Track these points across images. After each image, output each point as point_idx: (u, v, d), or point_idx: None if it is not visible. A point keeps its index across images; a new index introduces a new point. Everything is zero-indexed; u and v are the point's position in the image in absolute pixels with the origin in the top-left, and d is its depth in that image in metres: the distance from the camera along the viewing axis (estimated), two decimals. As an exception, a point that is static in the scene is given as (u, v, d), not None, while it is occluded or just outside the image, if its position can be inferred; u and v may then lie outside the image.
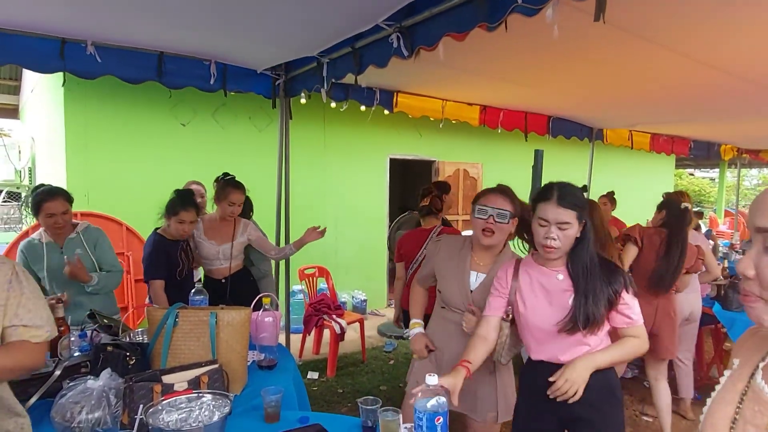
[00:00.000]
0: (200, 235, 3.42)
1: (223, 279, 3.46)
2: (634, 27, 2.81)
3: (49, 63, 3.26)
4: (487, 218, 2.02)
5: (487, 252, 2.14)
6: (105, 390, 1.72)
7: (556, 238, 1.73)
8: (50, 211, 2.76)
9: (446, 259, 2.21)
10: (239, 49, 3.56)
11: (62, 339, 2.23)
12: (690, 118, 5.85)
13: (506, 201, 2.06)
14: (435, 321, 2.31)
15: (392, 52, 2.85)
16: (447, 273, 2.19)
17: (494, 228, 2.02)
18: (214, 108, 5.58)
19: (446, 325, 2.21)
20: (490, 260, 2.15)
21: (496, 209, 2.02)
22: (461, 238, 2.26)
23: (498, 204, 2.03)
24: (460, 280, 2.14)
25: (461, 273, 2.14)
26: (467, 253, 2.17)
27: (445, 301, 2.21)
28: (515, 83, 4.35)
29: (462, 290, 2.13)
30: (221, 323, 1.97)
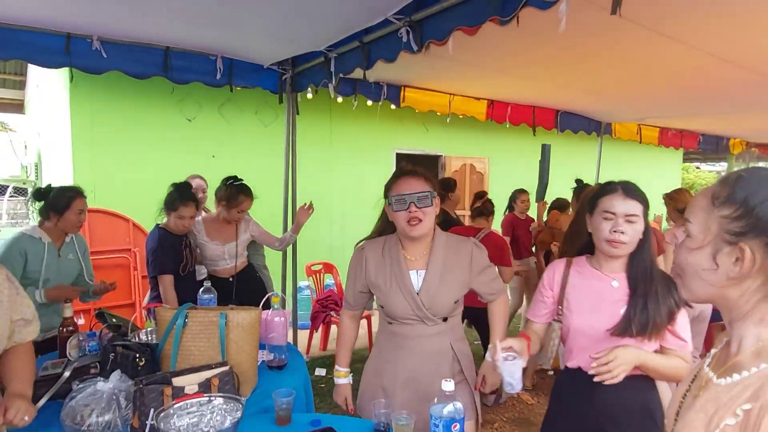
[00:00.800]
0: (203, 237, 3.36)
1: (230, 278, 3.42)
2: (646, 19, 2.76)
3: (54, 58, 3.24)
4: (407, 207, 1.75)
5: (419, 244, 1.85)
6: (115, 392, 1.70)
7: (625, 232, 1.59)
8: (81, 207, 2.76)
9: (376, 266, 1.89)
10: (246, 43, 3.52)
11: (71, 339, 2.21)
12: (699, 111, 5.79)
13: (421, 181, 1.80)
14: (382, 339, 1.96)
15: (402, 47, 2.81)
16: (382, 282, 1.86)
17: (419, 215, 1.75)
18: (220, 103, 5.55)
19: (396, 340, 1.88)
20: (424, 251, 1.86)
21: (415, 194, 1.76)
22: (383, 239, 1.95)
23: (414, 187, 1.77)
24: (400, 286, 1.82)
25: (399, 277, 1.83)
26: (397, 253, 1.86)
27: (390, 315, 1.87)
28: (524, 78, 4.30)
29: (407, 296, 1.81)
30: (231, 324, 1.94)
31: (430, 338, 1.84)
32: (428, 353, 1.84)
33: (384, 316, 1.92)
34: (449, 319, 1.87)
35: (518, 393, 4.17)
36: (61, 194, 2.75)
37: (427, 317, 1.81)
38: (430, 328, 1.83)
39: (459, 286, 1.86)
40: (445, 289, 1.82)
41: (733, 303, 0.85)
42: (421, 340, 1.84)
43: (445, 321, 1.86)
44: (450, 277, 1.83)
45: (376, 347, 1.99)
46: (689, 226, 0.88)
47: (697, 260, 0.86)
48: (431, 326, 1.83)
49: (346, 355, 2.06)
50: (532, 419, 3.78)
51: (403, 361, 1.85)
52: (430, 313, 1.81)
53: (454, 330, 1.91)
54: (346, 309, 2.07)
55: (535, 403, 4.03)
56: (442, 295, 1.82)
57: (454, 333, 1.90)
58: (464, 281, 1.87)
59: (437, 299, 1.81)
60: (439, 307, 1.82)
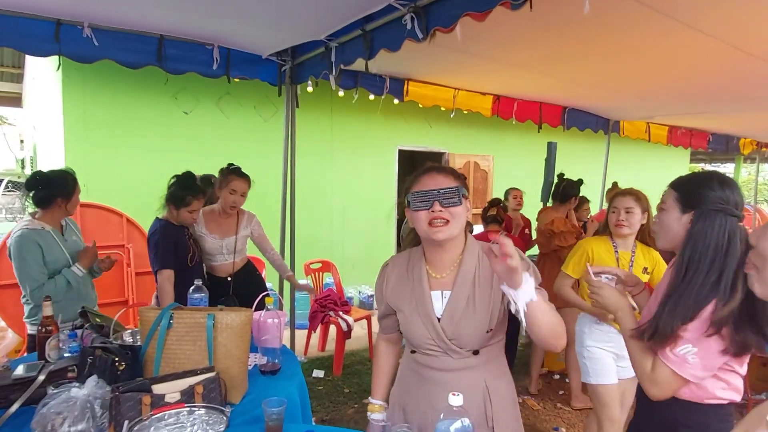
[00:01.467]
0: (201, 228, 3.23)
1: (228, 277, 3.28)
2: (666, 7, 2.60)
3: (43, 46, 3.11)
4: (431, 206, 1.42)
5: (446, 255, 1.52)
6: (90, 399, 1.55)
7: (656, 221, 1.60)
8: (78, 193, 2.81)
9: (397, 285, 1.60)
10: (243, 32, 3.39)
11: (50, 339, 2.08)
12: (711, 109, 5.64)
13: (448, 177, 1.48)
14: (404, 368, 1.69)
15: (406, 35, 2.67)
16: (402, 303, 1.56)
17: (445, 215, 1.42)
18: (218, 96, 5.41)
19: (419, 371, 1.58)
20: (452, 267, 1.52)
21: (440, 189, 1.43)
22: (407, 252, 1.65)
23: (439, 183, 1.45)
24: (421, 309, 1.51)
25: (420, 299, 1.52)
26: (421, 268, 1.55)
27: (410, 343, 1.60)
28: (532, 70, 4.15)
29: (426, 322, 1.49)
30: (219, 326, 1.80)
31: (458, 373, 1.50)
32: (455, 390, 1.39)
33: (407, 342, 1.65)
34: (482, 352, 1.51)
35: (523, 398, 4.03)
36: (65, 177, 2.74)
37: (450, 349, 1.48)
38: (455, 362, 1.50)
39: (495, 313, 1.48)
40: (474, 316, 1.47)
41: None
42: (447, 375, 1.51)
43: (476, 354, 1.50)
44: (482, 300, 1.48)
45: (398, 377, 1.72)
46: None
47: None
48: (457, 359, 1.50)
49: (381, 386, 1.75)
50: (538, 426, 3.64)
51: (426, 397, 1.54)
52: (454, 344, 1.48)
53: (489, 365, 1.54)
54: (380, 333, 1.79)
55: (541, 409, 3.88)
56: (469, 323, 1.47)
57: (489, 369, 1.54)
58: (499, 303, 1.49)
59: (463, 328, 1.47)
60: (466, 337, 1.47)
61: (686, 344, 1.36)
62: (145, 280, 4.79)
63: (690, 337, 1.36)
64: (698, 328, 1.36)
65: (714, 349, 1.36)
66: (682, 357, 1.36)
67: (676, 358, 1.37)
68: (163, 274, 2.89)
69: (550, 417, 3.75)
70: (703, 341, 1.36)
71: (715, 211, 1.41)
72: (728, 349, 1.33)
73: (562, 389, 4.24)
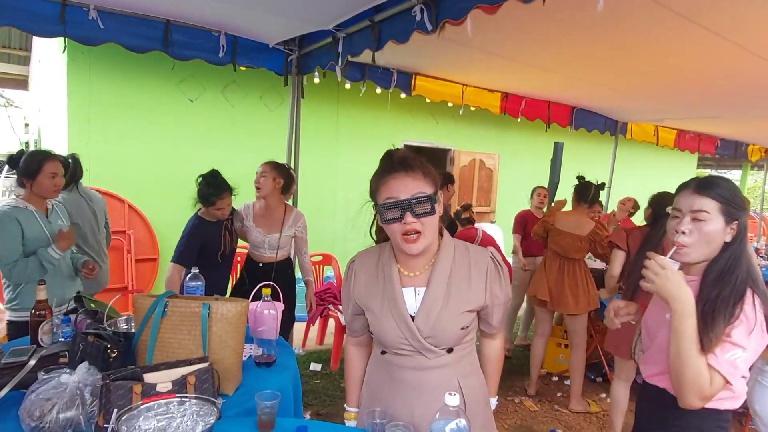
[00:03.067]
0: (249, 221, 3.32)
1: (261, 263, 3.34)
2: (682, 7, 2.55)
3: (48, 27, 3.07)
4: (402, 217, 1.34)
5: (419, 258, 1.46)
6: (80, 386, 1.52)
7: (687, 232, 1.41)
8: (53, 170, 2.68)
9: (367, 283, 1.52)
10: (251, 20, 3.34)
11: (43, 324, 2.05)
12: (722, 113, 5.58)
13: (418, 178, 1.37)
14: (374, 370, 1.60)
15: (415, 26, 2.62)
16: (373, 302, 1.49)
17: (417, 227, 1.35)
18: (224, 85, 5.37)
19: (390, 372, 1.51)
20: (426, 265, 1.47)
21: (411, 199, 1.33)
22: (377, 248, 1.57)
23: (410, 188, 1.35)
24: (393, 308, 1.44)
25: (392, 297, 1.44)
26: (392, 266, 1.47)
27: (381, 343, 1.52)
28: (541, 68, 4.09)
29: (399, 321, 1.43)
30: (214, 316, 1.77)
31: (430, 372, 1.46)
32: (429, 389, 1.46)
33: (376, 343, 1.57)
34: (456, 350, 1.48)
35: (521, 399, 4.00)
36: (32, 158, 2.67)
37: (425, 348, 1.43)
38: (430, 361, 1.45)
39: (470, 311, 1.47)
40: (450, 313, 1.43)
41: None
42: (420, 374, 1.47)
43: (450, 352, 1.47)
44: (458, 297, 1.44)
45: (366, 380, 1.65)
46: None
47: None
48: (432, 359, 1.45)
49: (354, 393, 1.71)
50: (535, 427, 3.60)
51: (398, 399, 1.49)
52: (430, 342, 1.43)
53: (462, 362, 1.51)
54: (349, 336, 1.70)
55: (538, 411, 3.85)
56: (445, 320, 1.42)
57: (462, 366, 1.51)
58: (477, 303, 1.47)
59: (439, 326, 1.42)
60: (442, 335, 1.43)
61: (736, 349, 1.30)
62: (144, 266, 4.79)
63: (738, 340, 1.31)
64: (748, 325, 1.32)
65: (759, 347, 1.33)
66: (733, 363, 1.30)
67: (728, 366, 1.30)
68: (174, 268, 2.95)
69: (548, 419, 3.72)
70: (752, 339, 1.32)
71: (744, 216, 1.41)
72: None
73: (560, 391, 4.21)
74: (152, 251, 4.82)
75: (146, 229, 4.78)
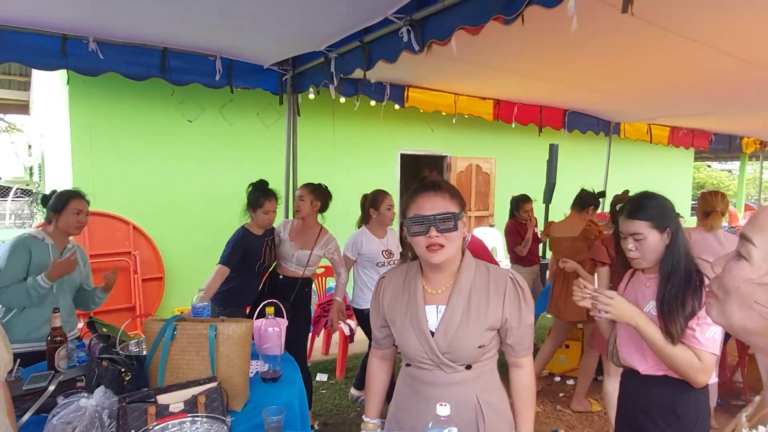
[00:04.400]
0: (285, 234, 3.52)
1: (281, 276, 3.51)
2: (658, 18, 2.66)
3: (50, 60, 3.19)
4: (428, 232, 1.44)
5: (441, 274, 1.55)
6: (98, 410, 1.62)
7: (633, 249, 1.78)
8: (78, 207, 2.76)
9: (393, 298, 1.62)
10: (245, 43, 3.46)
11: (59, 350, 2.15)
12: (711, 110, 5.67)
13: (445, 199, 1.48)
14: (401, 381, 1.68)
15: (402, 47, 2.73)
16: (397, 317, 1.58)
17: (441, 241, 1.45)
18: (222, 104, 5.48)
19: (413, 384, 1.60)
20: (447, 284, 1.55)
21: (437, 215, 1.45)
22: (405, 266, 1.68)
23: (436, 207, 1.46)
24: (415, 324, 1.53)
25: (414, 313, 1.54)
26: (417, 284, 1.57)
27: (405, 355, 1.61)
28: (531, 77, 4.20)
29: (420, 336, 1.52)
30: (221, 337, 1.87)
31: (450, 387, 1.52)
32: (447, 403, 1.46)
33: (402, 355, 1.65)
34: (475, 367, 1.53)
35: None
36: (60, 196, 2.79)
37: (443, 363, 1.50)
38: (448, 376, 1.52)
39: (488, 329, 1.52)
40: (468, 331, 1.49)
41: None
42: (439, 389, 1.52)
43: (469, 369, 1.52)
44: (476, 316, 1.50)
45: (396, 389, 1.71)
46: (750, 248, 0.74)
47: (752, 291, 0.73)
48: (450, 374, 1.52)
49: (375, 404, 1.75)
50: (537, 428, 3.68)
51: (418, 411, 1.55)
52: (447, 358, 1.50)
53: (481, 379, 1.55)
54: (374, 348, 1.77)
55: (541, 411, 3.93)
56: (462, 338, 1.49)
57: (481, 383, 1.55)
58: (494, 323, 1.52)
59: (457, 343, 1.49)
60: (459, 352, 1.49)
61: (711, 327, 1.62)
62: (151, 285, 4.88)
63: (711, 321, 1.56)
64: None
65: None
66: (712, 339, 1.62)
67: (709, 342, 1.62)
68: (220, 269, 3.15)
69: (550, 419, 3.80)
70: None
71: (677, 222, 1.72)
72: None
73: (562, 392, 4.28)
74: (158, 270, 4.92)
75: (151, 249, 4.88)
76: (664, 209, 1.76)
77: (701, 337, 1.62)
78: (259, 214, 3.25)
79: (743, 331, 0.76)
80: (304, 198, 3.50)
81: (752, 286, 0.73)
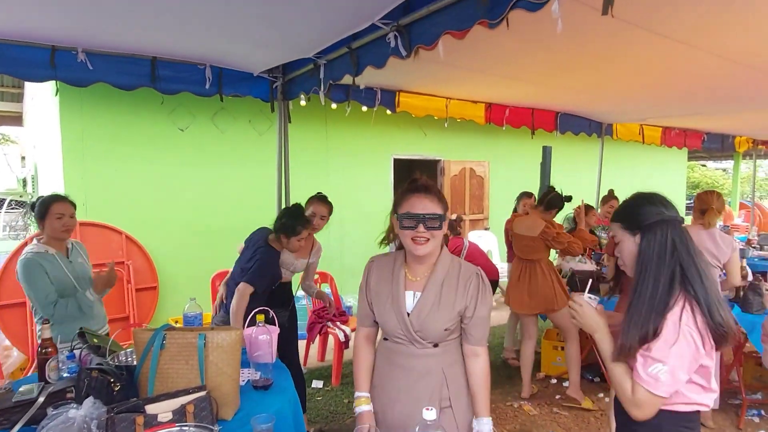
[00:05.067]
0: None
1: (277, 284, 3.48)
2: (642, 20, 2.67)
3: (39, 72, 3.19)
4: (416, 227, 1.69)
5: (422, 264, 1.81)
6: (87, 421, 1.62)
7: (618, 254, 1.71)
8: (60, 211, 2.78)
9: (378, 282, 1.88)
10: (234, 51, 3.46)
11: (50, 361, 2.14)
12: (703, 110, 5.69)
13: (434, 201, 1.73)
14: (379, 354, 1.94)
15: (390, 52, 2.74)
16: (380, 298, 1.84)
17: (427, 236, 1.70)
18: (213, 112, 5.49)
19: (389, 356, 1.87)
20: (425, 274, 1.81)
21: (426, 215, 1.69)
22: (392, 255, 1.92)
23: (426, 207, 1.70)
24: (395, 304, 1.79)
25: (395, 296, 1.80)
26: (401, 271, 1.83)
27: (384, 330, 1.88)
28: (521, 80, 4.21)
29: (398, 316, 1.78)
30: (210, 345, 1.86)
31: (420, 359, 1.80)
32: (417, 373, 1.80)
33: (381, 330, 1.90)
34: (441, 346, 1.80)
35: (520, 404, 4.08)
36: (41, 203, 2.80)
37: (415, 339, 1.77)
38: (419, 350, 1.79)
39: (454, 315, 1.76)
40: (437, 316, 1.75)
41: None
42: (410, 360, 1.81)
43: (436, 347, 1.79)
44: (445, 303, 1.76)
45: (376, 362, 1.94)
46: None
47: None
48: (420, 349, 1.79)
49: (364, 379, 1.91)
50: (534, 431, 3.68)
51: (391, 378, 1.85)
52: (419, 336, 1.76)
53: (446, 355, 1.82)
54: (360, 327, 1.97)
55: (537, 414, 3.93)
56: (433, 320, 1.75)
57: (446, 358, 1.81)
58: (460, 311, 1.77)
59: (427, 324, 1.75)
60: (429, 332, 1.75)
61: (656, 363, 1.42)
62: (145, 295, 4.87)
63: (659, 356, 1.42)
64: (667, 341, 1.42)
65: (687, 357, 1.41)
66: (654, 376, 1.42)
67: (649, 379, 1.43)
68: (245, 289, 2.99)
69: (546, 422, 3.80)
70: (672, 353, 1.41)
71: (654, 223, 1.53)
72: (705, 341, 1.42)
73: (559, 393, 4.28)
74: (152, 280, 4.91)
75: (144, 259, 4.87)
76: (634, 209, 1.62)
77: (641, 371, 1.45)
78: (293, 241, 3.18)
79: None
80: (325, 217, 3.55)
81: None
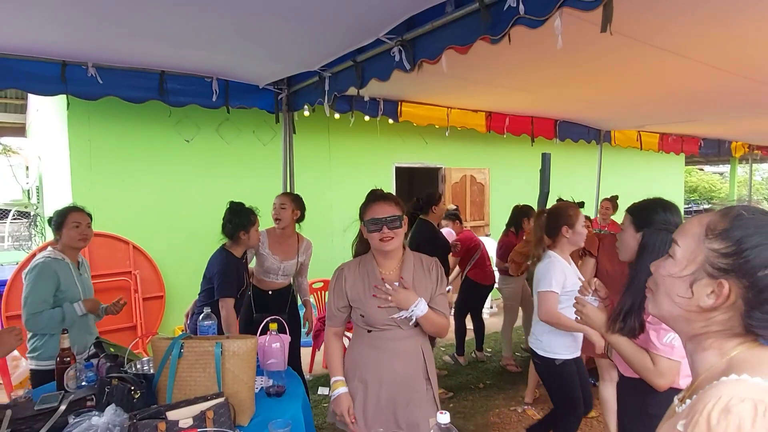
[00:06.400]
0: (265, 248, 3.48)
1: (270, 291, 3.52)
2: (640, 34, 2.76)
3: (50, 86, 3.26)
4: (381, 229, 2.01)
5: (391, 260, 2.12)
6: (110, 427, 1.67)
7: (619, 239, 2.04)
8: (77, 219, 2.86)
9: (353, 282, 2.13)
10: (241, 65, 3.54)
11: (68, 370, 2.20)
12: (699, 117, 5.78)
13: (392, 205, 2.06)
14: (357, 346, 2.17)
15: (394, 66, 2.82)
16: (361, 295, 2.09)
17: (391, 234, 2.02)
18: (218, 123, 5.56)
19: (375, 344, 2.10)
20: (396, 267, 2.12)
21: (387, 217, 2.01)
22: (359, 259, 2.19)
23: (386, 211, 2.03)
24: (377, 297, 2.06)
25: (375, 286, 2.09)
26: (374, 267, 2.11)
27: (369, 324, 2.09)
28: (521, 90, 4.30)
29: (384, 304, 2.04)
30: (227, 353, 1.93)
31: (404, 340, 2.09)
32: (403, 353, 2.09)
33: (363, 326, 2.13)
34: (420, 325, 2.11)
35: (524, 409, 4.13)
36: (58, 213, 2.90)
37: (403, 322, 2.05)
38: (404, 332, 2.08)
39: (428, 296, 2.10)
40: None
41: (695, 330, 0.87)
42: (397, 342, 2.09)
43: (416, 326, 2.10)
44: (419, 288, 2.09)
45: (351, 357, 2.17)
46: (675, 248, 0.90)
47: (673, 283, 0.89)
48: (406, 330, 2.08)
49: (338, 366, 2.17)
50: (538, 435, 3.72)
51: (381, 363, 2.08)
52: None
53: (421, 333, 2.15)
54: (330, 326, 2.24)
55: (540, 418, 3.96)
56: None
57: (421, 335, 2.15)
58: (430, 293, 2.11)
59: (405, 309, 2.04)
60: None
61: (668, 333, 1.68)
62: (152, 304, 4.93)
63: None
64: None
65: None
66: (669, 345, 1.68)
67: (666, 348, 1.68)
68: (228, 302, 3.02)
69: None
70: None
71: (659, 231, 1.77)
72: None
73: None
74: (158, 289, 4.97)
75: (151, 268, 4.93)
76: (648, 213, 1.87)
77: (657, 342, 1.71)
78: (252, 233, 3.16)
79: (668, 319, 0.91)
80: (286, 206, 3.47)
81: (673, 280, 0.89)
